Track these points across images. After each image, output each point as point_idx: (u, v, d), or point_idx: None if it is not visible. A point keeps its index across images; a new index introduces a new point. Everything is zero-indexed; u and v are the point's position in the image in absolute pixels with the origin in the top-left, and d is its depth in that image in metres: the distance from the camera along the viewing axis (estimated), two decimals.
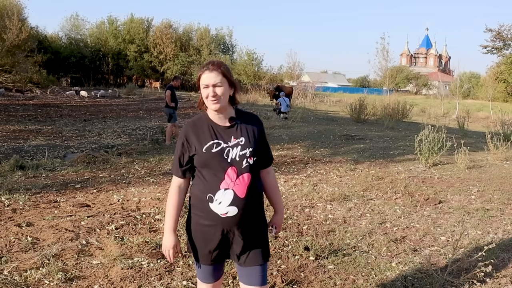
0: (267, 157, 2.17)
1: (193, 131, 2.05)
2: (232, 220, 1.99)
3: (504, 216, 5.01)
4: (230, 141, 2.01)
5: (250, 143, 2.03)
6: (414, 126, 15.24)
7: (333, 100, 34.11)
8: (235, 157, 1.99)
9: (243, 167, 1.99)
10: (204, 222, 2.03)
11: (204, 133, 2.03)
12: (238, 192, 1.98)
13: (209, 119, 2.06)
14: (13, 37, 19.52)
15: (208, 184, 2.00)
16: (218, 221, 2.00)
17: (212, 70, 1.98)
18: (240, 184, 1.98)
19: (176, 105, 10.20)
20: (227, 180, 1.98)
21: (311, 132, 12.81)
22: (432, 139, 7.61)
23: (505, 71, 43.53)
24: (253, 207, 2.06)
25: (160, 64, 45.25)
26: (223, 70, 2.00)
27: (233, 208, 1.98)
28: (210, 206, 1.98)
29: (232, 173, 1.98)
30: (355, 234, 4.33)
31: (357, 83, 79.35)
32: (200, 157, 2.01)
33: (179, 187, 2.12)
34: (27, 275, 3.21)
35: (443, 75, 69.87)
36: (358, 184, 6.40)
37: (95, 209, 4.93)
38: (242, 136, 2.03)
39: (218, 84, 1.97)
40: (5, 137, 10.41)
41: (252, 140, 2.04)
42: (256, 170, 2.07)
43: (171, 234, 2.11)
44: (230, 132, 2.03)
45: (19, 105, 19.01)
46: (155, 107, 20.90)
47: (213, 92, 1.96)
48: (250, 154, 2.02)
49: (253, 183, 2.03)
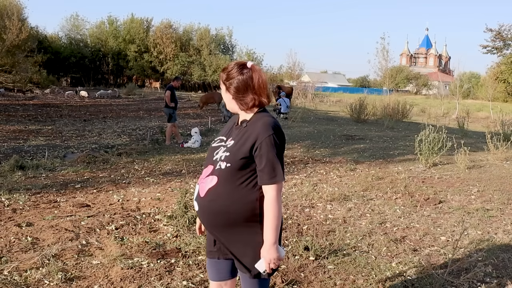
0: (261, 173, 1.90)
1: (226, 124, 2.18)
2: (199, 214, 2.05)
3: (504, 216, 5.01)
4: (227, 141, 2.00)
5: (232, 148, 1.92)
6: (414, 126, 15.23)
7: (333, 100, 34.10)
8: (218, 156, 1.97)
9: (216, 169, 1.94)
10: None
11: (226, 127, 2.12)
12: (201, 190, 1.99)
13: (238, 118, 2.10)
14: (13, 37, 19.48)
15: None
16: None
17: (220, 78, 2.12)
18: (204, 183, 1.98)
19: (176, 105, 10.22)
20: (202, 175, 2.02)
21: (311, 132, 12.81)
22: (432, 139, 7.62)
23: (505, 71, 43.52)
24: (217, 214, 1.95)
25: (160, 64, 45.25)
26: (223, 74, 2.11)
27: (196, 203, 2.03)
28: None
29: (206, 171, 2.00)
30: (355, 234, 4.33)
31: (357, 83, 79.29)
32: None
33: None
34: (27, 275, 3.21)
35: (443, 75, 69.87)
36: (358, 184, 6.40)
37: (95, 209, 4.93)
38: (233, 140, 1.96)
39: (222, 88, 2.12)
40: (5, 137, 10.41)
41: (237, 146, 1.91)
42: (231, 178, 1.91)
43: None
44: (233, 133, 2.02)
45: (19, 105, 19.01)
46: (155, 107, 20.90)
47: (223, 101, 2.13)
48: (225, 158, 1.92)
49: (219, 189, 1.92)
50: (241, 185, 1.92)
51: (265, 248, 1.90)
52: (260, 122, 1.93)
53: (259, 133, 1.90)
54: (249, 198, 1.93)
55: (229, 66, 2.03)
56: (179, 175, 6.76)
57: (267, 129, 1.90)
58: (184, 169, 6.96)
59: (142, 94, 31.36)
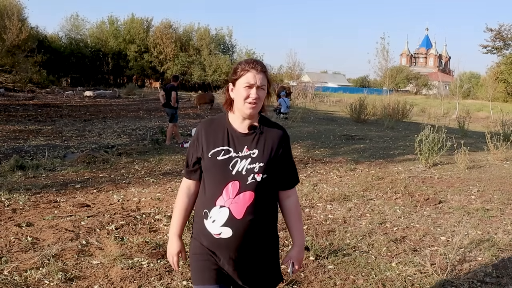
0: (288, 177, 1.88)
1: (206, 131, 1.83)
2: (225, 242, 1.74)
3: (504, 216, 5.02)
4: (241, 151, 1.77)
5: (262, 157, 1.76)
6: (414, 126, 15.23)
7: (333, 100, 34.09)
8: (242, 170, 1.73)
9: (248, 183, 1.73)
10: (202, 242, 1.82)
11: (216, 136, 1.81)
12: (235, 212, 1.72)
13: (228, 122, 1.84)
14: (13, 37, 19.50)
15: (206, 197, 1.79)
16: (211, 241, 1.77)
17: (261, 72, 1.77)
18: (238, 203, 1.72)
19: (178, 106, 10.26)
20: (224, 196, 1.73)
21: (311, 132, 12.81)
22: (432, 139, 7.62)
23: (505, 71, 43.50)
24: (256, 233, 1.77)
25: (160, 64, 45.27)
26: (268, 75, 1.81)
27: (226, 229, 1.73)
28: (204, 223, 1.77)
29: (232, 189, 1.73)
30: (355, 234, 4.33)
31: (357, 83, 79.26)
32: (204, 163, 1.81)
33: (188, 189, 1.93)
34: (27, 275, 3.21)
35: (443, 75, 69.84)
36: (358, 184, 6.40)
37: (95, 209, 4.93)
38: (257, 148, 1.77)
39: (262, 87, 1.77)
40: (5, 137, 10.41)
41: (267, 154, 1.78)
42: (266, 190, 1.79)
43: (176, 239, 1.91)
44: (245, 141, 1.79)
45: (19, 105, 19.01)
46: (155, 107, 20.89)
47: (256, 94, 1.75)
48: (260, 169, 1.74)
49: (258, 204, 1.75)
50: (273, 196, 1.86)
51: (297, 251, 1.93)
52: (275, 125, 1.88)
53: (282, 136, 1.85)
54: (276, 209, 1.89)
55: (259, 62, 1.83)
56: (179, 175, 6.76)
57: (285, 131, 1.89)
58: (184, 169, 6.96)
59: (142, 94, 31.34)
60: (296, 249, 1.93)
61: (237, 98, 1.78)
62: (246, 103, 1.75)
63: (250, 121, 1.82)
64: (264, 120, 1.87)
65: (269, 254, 1.87)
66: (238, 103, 1.78)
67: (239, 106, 1.78)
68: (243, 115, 1.80)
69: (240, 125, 1.82)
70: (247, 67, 1.77)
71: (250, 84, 1.75)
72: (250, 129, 1.81)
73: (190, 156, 1.88)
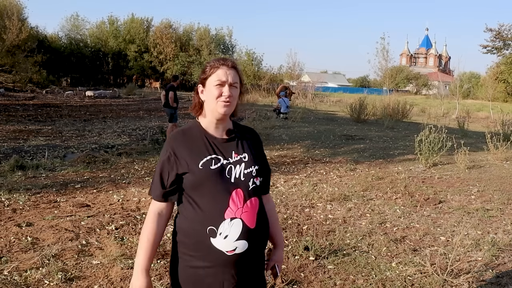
0: (267, 180, 1.82)
1: (184, 143, 1.65)
2: (239, 258, 1.58)
3: (504, 216, 5.02)
4: (231, 157, 1.65)
5: (255, 160, 1.69)
6: (414, 126, 15.23)
7: (333, 100, 34.10)
8: (240, 175, 1.63)
9: (250, 189, 1.63)
10: (199, 264, 1.59)
11: (198, 146, 1.64)
12: (248, 221, 1.59)
13: (203, 129, 1.69)
14: (13, 37, 19.53)
15: (206, 213, 1.58)
16: (221, 261, 1.57)
17: (231, 68, 1.66)
18: (249, 211, 1.60)
19: (177, 105, 10.27)
20: (232, 207, 1.58)
21: (311, 132, 12.81)
22: (432, 139, 7.62)
23: (505, 71, 43.49)
24: (264, 241, 1.70)
25: (160, 64, 45.29)
26: (240, 72, 1.70)
27: (242, 242, 1.57)
28: (212, 242, 1.56)
29: (238, 197, 1.59)
30: (355, 234, 4.33)
31: (357, 83, 79.31)
32: (194, 177, 1.60)
33: (159, 215, 1.67)
34: (27, 275, 3.21)
35: (443, 75, 69.80)
36: (358, 184, 6.40)
37: (95, 209, 4.93)
38: (245, 152, 1.69)
39: (235, 85, 1.65)
40: (5, 137, 10.41)
41: (257, 157, 1.73)
42: (261, 194, 1.73)
43: (143, 275, 1.62)
44: (230, 147, 1.68)
45: (19, 105, 19.01)
46: (155, 107, 20.90)
47: (229, 92, 1.62)
48: (257, 173, 1.68)
49: (261, 210, 1.67)
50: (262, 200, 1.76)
51: (281, 253, 1.89)
52: (247, 128, 1.81)
53: (258, 138, 1.80)
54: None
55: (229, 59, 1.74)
56: None
57: (258, 135, 1.83)
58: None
59: (142, 94, 31.37)
60: (280, 252, 1.89)
61: (209, 99, 1.64)
62: (219, 101, 1.62)
63: (224, 125, 1.69)
64: (236, 125, 1.78)
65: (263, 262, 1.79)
66: (210, 103, 1.64)
67: (211, 107, 1.64)
68: (216, 117, 1.66)
69: (216, 131, 1.69)
70: (216, 64, 1.65)
71: (221, 81, 1.62)
72: (228, 133, 1.70)
73: (166, 175, 1.65)
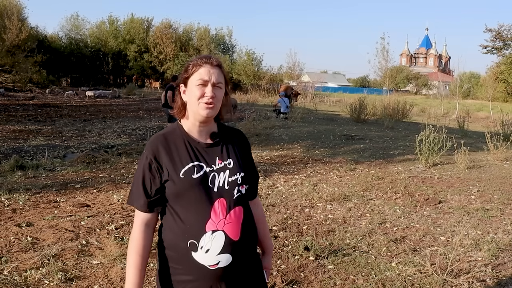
0: (255, 184, 1.73)
1: (165, 149, 1.54)
2: (223, 272, 1.50)
3: (504, 216, 5.02)
4: (214, 164, 1.55)
5: (240, 167, 1.59)
6: (414, 126, 15.23)
7: (333, 100, 34.10)
8: (223, 184, 1.53)
9: (234, 197, 1.53)
10: (183, 278, 1.52)
11: (179, 152, 1.54)
12: (231, 233, 1.50)
13: (185, 133, 1.58)
14: (13, 37, 19.54)
15: (187, 225, 1.49)
16: (205, 275, 1.49)
17: (215, 66, 1.54)
18: (232, 222, 1.51)
19: None
20: (214, 218, 1.48)
21: (311, 132, 12.81)
22: (433, 139, 7.62)
23: (505, 71, 43.50)
24: (249, 252, 1.60)
25: (160, 64, 45.29)
26: (224, 71, 1.58)
27: (225, 256, 1.49)
28: (193, 256, 1.48)
29: (220, 208, 1.50)
30: (355, 234, 4.33)
31: (357, 83, 79.34)
32: (175, 186, 1.50)
33: (146, 226, 1.58)
34: (27, 275, 3.21)
35: (443, 75, 69.85)
36: (358, 184, 6.40)
37: (95, 209, 4.93)
38: (230, 158, 1.58)
39: (219, 85, 1.54)
40: (5, 137, 10.41)
41: (243, 162, 1.62)
42: (247, 202, 1.64)
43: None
44: (214, 152, 1.57)
45: (19, 105, 19.01)
46: (155, 107, 20.89)
47: (212, 93, 1.51)
48: (242, 180, 1.58)
49: (247, 220, 1.58)
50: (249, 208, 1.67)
51: (268, 259, 1.80)
52: (233, 129, 1.71)
53: (245, 140, 1.71)
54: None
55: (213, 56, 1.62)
56: None
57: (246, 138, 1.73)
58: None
59: (142, 94, 31.36)
60: (268, 258, 1.81)
61: (191, 99, 1.54)
62: (201, 103, 1.51)
63: (208, 128, 1.59)
64: (222, 127, 1.67)
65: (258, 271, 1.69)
66: (192, 105, 1.54)
67: (193, 108, 1.54)
68: (199, 120, 1.56)
69: (199, 135, 1.59)
70: (199, 62, 1.54)
71: (204, 81, 1.51)
72: (213, 137, 1.60)
73: (149, 183, 1.54)
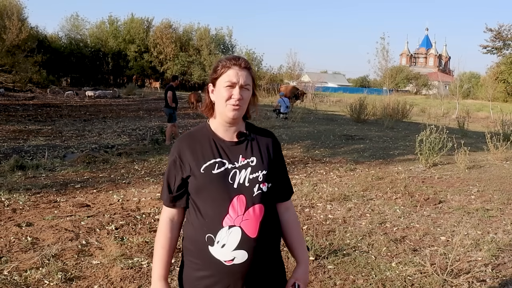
0: (285, 186, 1.69)
1: (189, 146, 1.59)
2: (239, 269, 1.50)
3: (504, 216, 5.02)
4: (237, 161, 1.56)
5: (263, 165, 1.58)
6: (414, 126, 15.23)
7: (333, 100, 34.11)
8: (244, 181, 1.54)
9: (255, 195, 1.53)
10: (201, 274, 1.54)
11: (203, 149, 1.57)
12: (248, 230, 1.50)
13: (212, 131, 1.61)
14: (13, 37, 19.52)
15: (206, 220, 1.53)
16: (221, 271, 1.50)
17: (243, 68, 1.56)
18: (250, 219, 1.51)
19: (176, 105, 10.28)
20: (232, 214, 1.50)
21: (311, 132, 12.81)
22: (433, 139, 7.62)
23: (505, 71, 43.50)
24: (268, 252, 1.58)
25: (160, 64, 45.29)
26: (253, 72, 1.60)
27: (241, 252, 1.49)
28: (210, 250, 1.50)
29: (238, 204, 1.51)
30: (355, 234, 4.33)
31: (357, 83, 79.32)
32: (196, 181, 1.55)
33: (171, 221, 1.63)
34: (27, 275, 3.21)
35: (443, 75, 69.79)
36: (358, 184, 6.40)
37: (95, 209, 4.93)
38: (254, 156, 1.58)
39: (246, 87, 1.56)
40: (5, 137, 10.41)
41: (266, 161, 1.60)
42: (271, 201, 1.61)
43: (160, 283, 1.59)
44: (238, 150, 1.59)
45: (19, 105, 19.00)
46: (155, 107, 20.90)
47: (239, 95, 1.53)
48: (264, 178, 1.56)
49: (268, 218, 1.56)
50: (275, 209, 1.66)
51: (303, 269, 1.68)
52: (264, 130, 1.70)
53: (275, 141, 1.68)
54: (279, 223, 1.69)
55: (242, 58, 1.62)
56: None
57: (275, 136, 1.72)
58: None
59: (142, 94, 31.35)
60: (302, 268, 1.68)
61: (218, 100, 1.57)
62: (228, 104, 1.54)
63: (235, 127, 1.61)
64: (250, 126, 1.67)
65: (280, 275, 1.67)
66: (219, 106, 1.57)
67: (220, 109, 1.57)
68: (226, 120, 1.58)
69: (225, 134, 1.60)
70: (228, 64, 1.55)
71: (232, 83, 1.53)
72: (239, 136, 1.61)
73: (173, 179, 1.61)
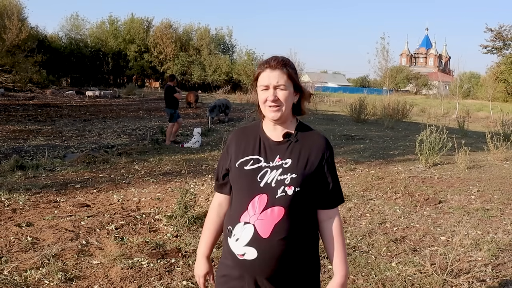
0: (329, 194, 1.62)
1: (237, 139, 1.67)
2: (250, 265, 1.52)
3: (504, 216, 5.02)
4: (272, 161, 1.57)
5: (296, 168, 1.55)
6: (414, 126, 15.24)
7: (333, 100, 34.11)
8: (271, 181, 1.53)
9: (277, 197, 1.51)
10: (227, 262, 1.62)
11: (246, 144, 1.63)
12: (261, 230, 1.50)
13: (262, 129, 1.65)
14: (13, 37, 19.50)
15: (231, 211, 1.62)
16: (236, 263, 1.56)
17: (275, 68, 1.56)
18: (265, 220, 1.50)
19: (177, 105, 10.32)
20: (250, 211, 1.53)
21: None
22: (433, 139, 7.63)
23: (505, 71, 43.50)
24: (288, 256, 1.52)
25: (160, 64, 45.27)
26: (289, 70, 1.58)
27: (251, 249, 1.51)
28: (228, 241, 1.58)
29: (258, 203, 1.52)
30: (355, 234, 4.33)
31: (357, 83, 79.35)
32: (231, 173, 1.63)
33: (219, 205, 1.73)
34: (27, 275, 3.21)
35: (443, 75, 69.77)
36: (358, 184, 6.40)
37: (95, 209, 4.93)
38: (290, 158, 1.57)
39: (281, 87, 1.56)
40: (5, 137, 10.41)
41: (302, 165, 1.56)
42: (301, 206, 1.55)
43: (203, 260, 1.74)
44: (278, 150, 1.59)
45: (19, 105, 19.00)
46: (155, 107, 20.90)
47: (273, 96, 1.55)
48: (291, 181, 1.52)
49: (289, 222, 1.52)
50: (309, 214, 1.60)
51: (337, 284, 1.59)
52: (316, 134, 1.66)
53: (324, 146, 1.62)
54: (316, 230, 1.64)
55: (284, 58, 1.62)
56: (179, 175, 6.76)
57: (329, 143, 1.66)
58: (184, 169, 6.96)
59: (142, 94, 31.34)
60: (336, 282, 1.59)
61: (259, 103, 1.63)
62: (266, 106, 1.58)
63: (283, 127, 1.62)
64: (302, 126, 1.66)
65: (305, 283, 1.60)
66: (261, 107, 1.63)
67: (262, 110, 1.62)
68: (270, 120, 1.61)
69: (272, 133, 1.63)
70: (261, 67, 1.60)
71: (265, 86, 1.58)
72: (285, 136, 1.61)
73: (220, 168, 1.71)
